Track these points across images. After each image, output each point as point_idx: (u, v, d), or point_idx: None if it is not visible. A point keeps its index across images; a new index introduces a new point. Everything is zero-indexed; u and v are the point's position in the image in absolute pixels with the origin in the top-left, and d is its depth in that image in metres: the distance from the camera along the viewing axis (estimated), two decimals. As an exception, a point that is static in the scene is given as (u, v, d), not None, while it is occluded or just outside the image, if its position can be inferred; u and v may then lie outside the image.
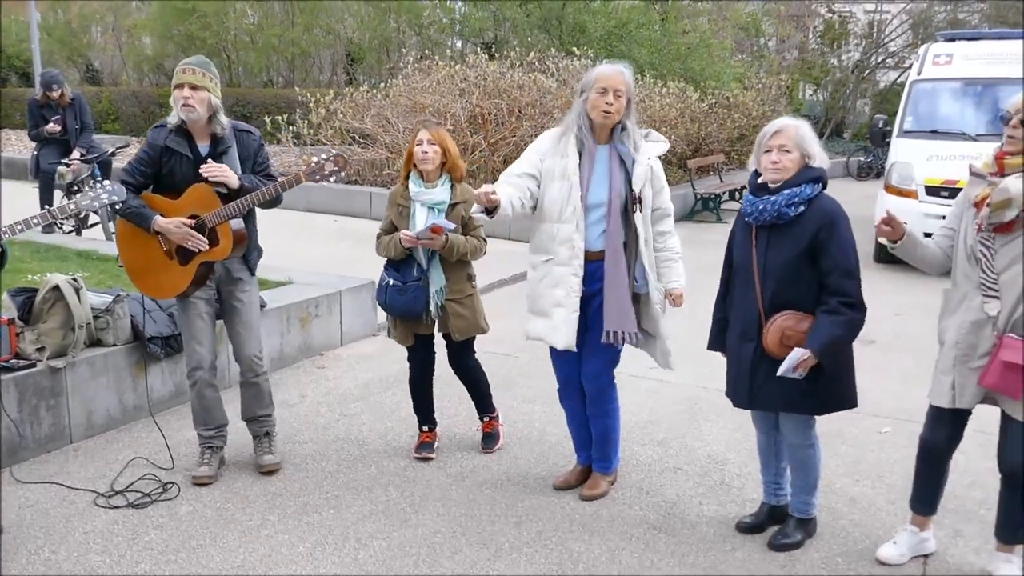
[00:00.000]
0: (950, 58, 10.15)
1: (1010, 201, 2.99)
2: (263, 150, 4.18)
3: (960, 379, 3.21)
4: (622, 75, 3.69)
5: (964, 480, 4.18)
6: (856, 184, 17.44)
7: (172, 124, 3.92)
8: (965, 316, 3.18)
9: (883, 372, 5.69)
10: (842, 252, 3.27)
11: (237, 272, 4.14)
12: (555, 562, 3.49)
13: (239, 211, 3.89)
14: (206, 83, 3.88)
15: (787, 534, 3.61)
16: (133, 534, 3.66)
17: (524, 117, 11.97)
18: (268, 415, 4.36)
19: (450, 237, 4.02)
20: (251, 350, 4.22)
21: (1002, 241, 3.08)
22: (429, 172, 4.12)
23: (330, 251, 9.37)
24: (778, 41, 26.31)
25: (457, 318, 4.20)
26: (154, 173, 3.97)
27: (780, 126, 3.35)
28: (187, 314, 4.10)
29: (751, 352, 3.40)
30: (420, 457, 4.42)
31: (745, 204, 3.41)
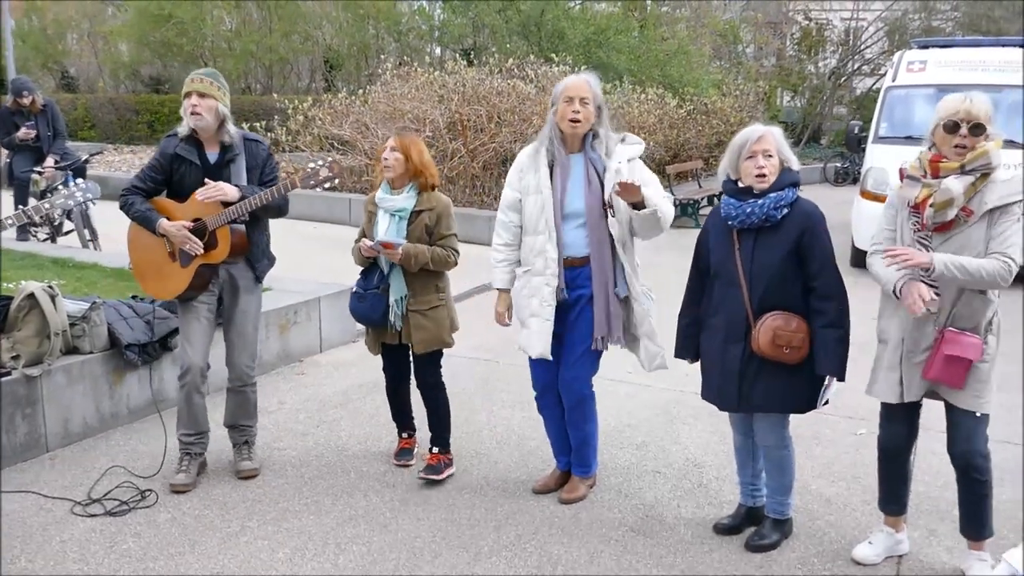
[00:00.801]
0: (924, 65, 10.28)
1: (952, 201, 3.13)
2: (272, 160, 4.22)
3: (907, 374, 3.30)
4: (587, 83, 3.74)
5: (938, 481, 4.24)
6: (833, 190, 17.58)
7: (183, 133, 4.02)
8: (908, 313, 3.26)
9: (859, 375, 5.72)
10: (826, 252, 3.38)
11: (242, 279, 4.17)
12: (534, 565, 3.50)
13: (238, 214, 3.93)
14: (213, 91, 3.97)
15: (763, 535, 3.65)
16: (111, 542, 3.64)
17: (503, 123, 12.00)
18: (251, 425, 4.36)
19: (404, 248, 3.95)
20: (244, 359, 4.23)
21: (939, 239, 3.19)
22: (394, 179, 4.12)
23: (310, 258, 9.34)
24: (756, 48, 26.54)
25: (418, 330, 4.10)
26: (165, 180, 4.08)
27: (762, 132, 3.40)
28: (186, 317, 4.13)
29: (739, 354, 3.43)
30: (400, 464, 4.41)
31: (727, 208, 3.43)
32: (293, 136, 12.97)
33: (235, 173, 4.04)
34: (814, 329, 3.36)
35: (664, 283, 3.84)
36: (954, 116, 3.15)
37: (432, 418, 4.31)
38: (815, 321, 3.36)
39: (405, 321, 4.12)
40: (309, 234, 11.11)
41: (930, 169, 3.22)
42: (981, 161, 3.13)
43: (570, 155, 3.80)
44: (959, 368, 3.17)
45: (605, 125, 3.80)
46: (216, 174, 4.01)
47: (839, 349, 3.36)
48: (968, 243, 3.15)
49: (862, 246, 9.68)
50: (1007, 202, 3.12)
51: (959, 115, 3.14)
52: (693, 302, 3.65)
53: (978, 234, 3.15)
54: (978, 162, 3.14)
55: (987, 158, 3.14)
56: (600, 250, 3.75)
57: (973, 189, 3.14)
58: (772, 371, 3.39)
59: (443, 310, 4.17)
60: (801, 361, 3.36)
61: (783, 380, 3.39)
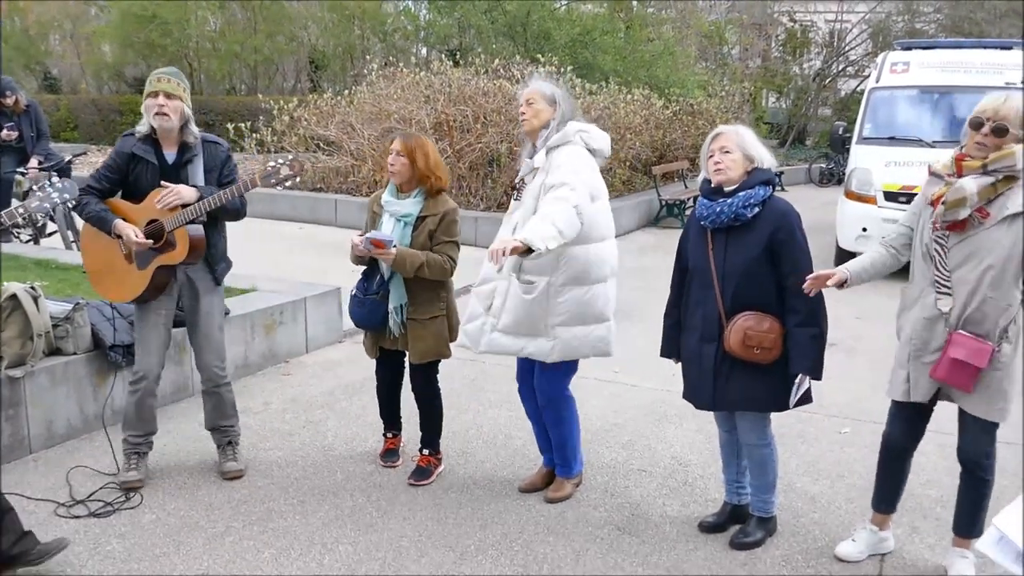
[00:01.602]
0: (907, 66, 10.36)
1: (964, 200, 3.07)
2: (231, 162, 4.18)
3: (914, 373, 3.29)
4: (532, 86, 3.86)
5: (921, 479, 4.27)
6: (818, 191, 17.69)
7: (141, 132, 3.96)
8: (920, 312, 3.27)
9: (843, 374, 5.79)
10: (801, 251, 3.37)
11: (201, 281, 4.13)
12: (520, 564, 3.51)
13: (196, 215, 3.88)
14: (180, 92, 3.94)
15: (748, 533, 3.66)
16: (95, 543, 3.62)
17: (489, 124, 12.00)
18: (231, 425, 4.34)
19: (398, 250, 3.86)
20: (213, 360, 4.20)
21: (955, 239, 3.16)
22: (400, 183, 4.04)
23: (296, 258, 9.33)
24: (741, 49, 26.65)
25: (416, 340, 4.05)
26: (121, 180, 4.01)
27: (719, 130, 3.48)
28: (143, 321, 4.08)
29: (713, 353, 3.44)
30: (387, 465, 4.40)
31: (700, 208, 3.47)
32: (279, 137, 12.94)
33: (192, 174, 3.98)
34: (788, 328, 3.35)
35: (653, 284, 3.84)
36: (981, 113, 3.10)
37: (425, 423, 4.30)
38: (789, 320, 3.36)
39: (403, 329, 4.07)
40: (295, 235, 11.09)
41: (955, 167, 3.17)
42: (1005, 163, 3.05)
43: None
44: (966, 373, 3.13)
45: (556, 121, 3.80)
46: (173, 175, 3.96)
47: (812, 347, 3.35)
48: (983, 246, 3.10)
49: (846, 246, 9.74)
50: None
51: (986, 113, 3.09)
52: (677, 302, 3.67)
53: (996, 238, 3.08)
54: (1002, 163, 3.05)
55: (1012, 160, 3.04)
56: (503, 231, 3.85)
57: (993, 191, 3.07)
58: (746, 370, 3.39)
59: (442, 321, 4.09)
60: (774, 362, 3.35)
61: (757, 379, 3.39)
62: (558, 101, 3.82)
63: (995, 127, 3.06)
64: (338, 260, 4.38)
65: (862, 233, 9.45)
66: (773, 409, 3.50)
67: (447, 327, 4.12)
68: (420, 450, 4.33)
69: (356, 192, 12.33)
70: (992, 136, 3.07)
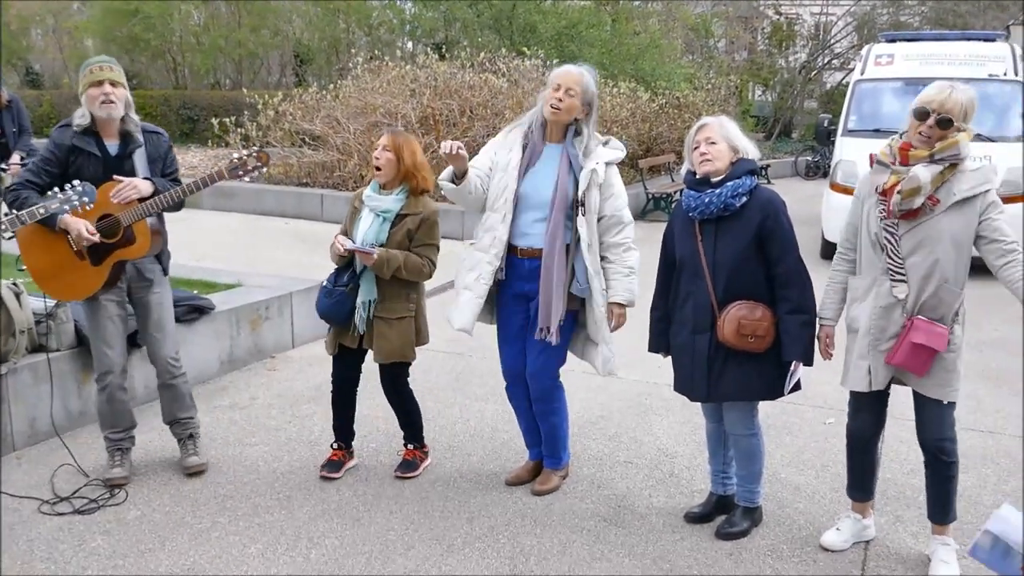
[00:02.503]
0: (891, 58, 10.40)
1: (919, 189, 3.13)
2: (172, 152, 4.12)
3: (874, 363, 3.34)
4: (579, 75, 3.70)
5: (904, 468, 4.31)
6: (804, 183, 17.75)
7: (80, 123, 3.85)
8: (876, 302, 3.31)
9: (828, 365, 5.77)
10: (787, 238, 3.40)
11: (149, 273, 4.06)
12: (507, 556, 3.51)
13: (157, 208, 3.84)
14: (123, 80, 3.87)
15: (734, 523, 3.68)
16: (79, 540, 3.60)
17: (475, 117, 11.99)
18: (190, 417, 4.30)
19: (376, 255, 3.81)
20: (166, 352, 4.15)
21: (905, 227, 3.21)
22: (384, 179, 3.97)
23: (281, 253, 9.29)
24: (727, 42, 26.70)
25: (381, 339, 3.96)
26: (60, 173, 3.86)
27: (703, 122, 3.50)
28: (97, 317, 3.99)
29: (706, 345, 3.45)
30: (325, 475, 4.18)
31: (687, 200, 3.47)
32: (264, 132, 12.88)
33: (138, 165, 3.91)
34: (779, 316, 3.38)
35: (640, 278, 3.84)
36: (927, 104, 3.14)
37: (403, 422, 4.29)
38: (779, 308, 3.39)
39: (369, 326, 3.99)
40: (280, 229, 11.05)
41: (899, 156, 3.22)
42: (950, 152, 3.13)
43: (548, 144, 3.78)
44: (924, 356, 3.20)
45: (591, 124, 3.76)
46: (117, 166, 3.87)
47: (804, 334, 3.39)
48: (934, 233, 3.16)
49: (832, 239, 9.77)
50: (976, 192, 3.13)
51: (932, 104, 3.13)
52: (663, 295, 3.67)
53: (945, 224, 3.16)
54: (947, 152, 3.13)
55: (956, 148, 3.13)
56: (553, 244, 3.70)
57: (941, 178, 3.15)
58: (740, 360, 3.41)
59: (409, 322, 4.01)
60: (767, 350, 3.38)
61: (751, 369, 3.42)
62: (593, 104, 3.75)
63: (940, 119, 3.12)
64: (324, 255, 4.36)
65: (847, 225, 9.49)
66: (767, 397, 3.52)
67: (414, 329, 4.04)
68: (404, 444, 4.33)
69: (342, 187, 12.29)
70: (936, 128, 3.13)
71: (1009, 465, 4.43)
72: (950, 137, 3.13)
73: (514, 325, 3.91)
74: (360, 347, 4.07)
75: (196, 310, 5.44)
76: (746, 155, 3.43)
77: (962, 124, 3.14)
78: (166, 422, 4.30)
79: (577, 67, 3.77)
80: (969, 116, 3.16)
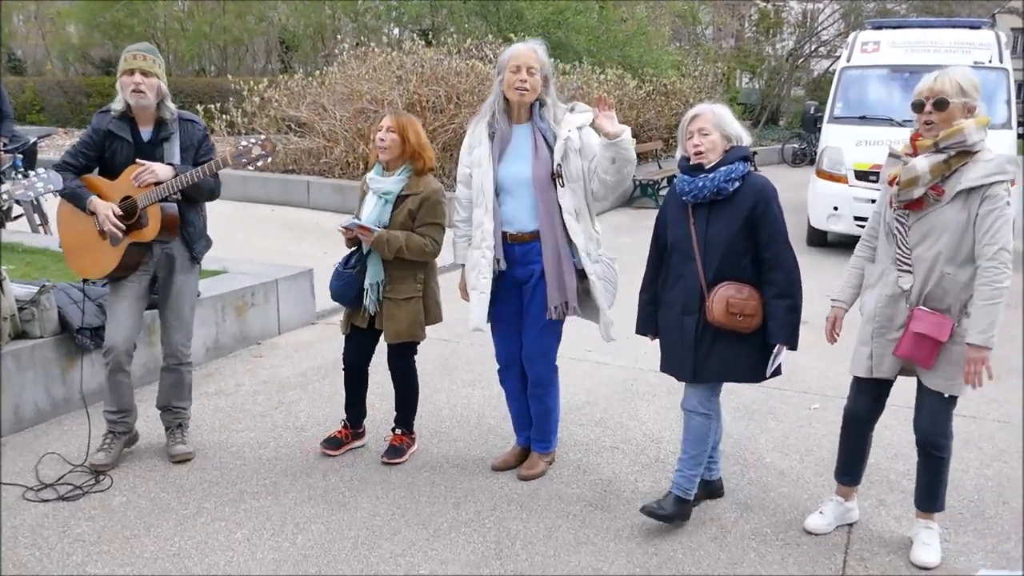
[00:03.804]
0: (877, 45, 10.42)
1: (917, 179, 3.13)
2: (208, 141, 4.14)
3: (878, 350, 3.34)
4: (535, 52, 3.71)
5: (888, 453, 4.34)
6: (791, 171, 17.79)
7: (117, 110, 3.93)
8: (882, 290, 3.32)
9: (813, 351, 5.82)
10: (777, 224, 3.40)
11: (178, 258, 4.11)
12: (493, 540, 3.52)
13: (168, 192, 3.86)
14: (156, 69, 3.91)
15: (662, 505, 3.57)
16: (64, 527, 3.59)
17: (462, 104, 11.94)
18: (184, 407, 4.30)
19: (376, 232, 3.89)
20: (179, 339, 4.18)
21: (914, 218, 3.21)
22: (388, 160, 4.02)
23: (267, 240, 9.25)
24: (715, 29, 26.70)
25: (390, 320, 4.03)
26: (97, 157, 4.00)
27: (697, 111, 3.47)
28: (114, 297, 4.06)
29: (694, 326, 3.46)
30: (323, 451, 4.27)
31: (680, 184, 3.48)
32: (249, 118, 12.81)
33: (168, 152, 3.96)
34: (766, 299, 3.39)
35: (627, 264, 3.84)
36: (919, 95, 3.18)
37: (400, 402, 4.31)
38: (766, 291, 3.40)
39: (379, 307, 4.06)
40: (266, 216, 11.00)
41: (911, 147, 3.23)
42: (955, 139, 3.10)
43: (515, 125, 3.78)
44: (928, 347, 3.19)
45: (552, 95, 3.77)
46: (149, 153, 3.94)
47: (789, 318, 3.39)
48: (939, 223, 3.14)
49: (818, 225, 9.83)
50: (983, 183, 3.07)
51: (923, 93, 3.16)
52: (653, 279, 3.67)
53: (951, 215, 3.12)
54: (952, 140, 3.10)
55: (962, 136, 3.09)
56: (550, 221, 3.72)
57: (947, 167, 3.11)
58: (726, 341, 3.42)
59: (417, 302, 4.05)
60: (755, 330, 3.40)
61: (738, 349, 3.43)
62: (550, 78, 3.77)
63: (935, 102, 3.13)
64: (310, 241, 4.37)
65: (833, 212, 9.54)
66: (751, 380, 3.54)
67: (423, 309, 4.09)
68: (393, 429, 4.33)
69: (328, 173, 12.23)
70: (935, 111, 3.14)
71: (990, 450, 4.46)
72: (954, 124, 3.10)
73: (507, 310, 3.92)
74: (371, 328, 4.13)
75: (181, 297, 5.41)
76: (739, 143, 3.44)
77: (964, 101, 3.11)
78: (159, 407, 4.30)
79: (529, 44, 3.77)
80: (968, 92, 3.13)
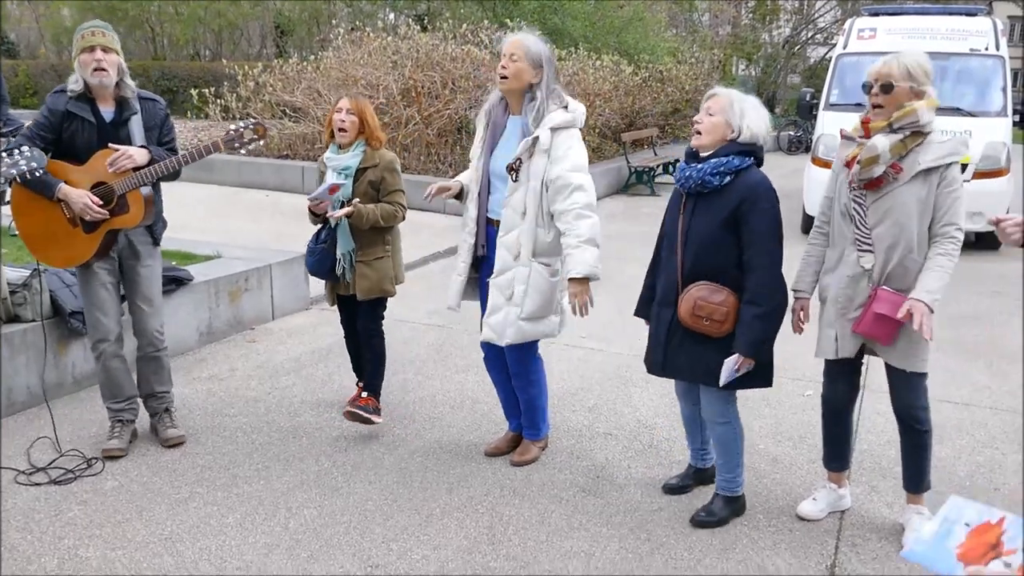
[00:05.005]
0: (874, 32, 10.39)
1: (877, 157, 3.17)
2: (169, 120, 4.08)
3: (840, 330, 3.37)
4: (520, 38, 3.66)
5: (880, 439, 4.35)
6: (787, 158, 17.80)
7: (74, 90, 3.82)
8: (843, 271, 3.34)
9: (807, 338, 5.81)
10: (761, 227, 3.23)
11: (140, 243, 4.04)
12: (485, 526, 3.53)
13: (151, 178, 3.81)
14: (116, 46, 3.84)
15: (712, 511, 3.57)
16: (56, 510, 3.58)
17: (458, 90, 11.91)
18: (167, 391, 4.28)
19: (358, 208, 4.09)
20: (154, 324, 4.14)
21: (872, 197, 3.24)
22: (347, 140, 4.21)
23: (261, 225, 9.22)
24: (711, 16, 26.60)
25: (361, 278, 4.25)
26: (55, 139, 3.85)
27: (713, 91, 3.39)
28: (90, 284, 3.98)
29: (668, 319, 3.42)
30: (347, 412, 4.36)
31: (678, 171, 3.46)
32: (244, 103, 12.75)
33: (133, 131, 3.87)
34: (740, 303, 3.28)
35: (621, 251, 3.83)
36: (869, 77, 3.24)
37: (368, 364, 4.42)
38: (742, 295, 3.27)
39: (353, 272, 4.27)
40: (260, 202, 10.96)
41: (863, 129, 3.29)
42: (908, 119, 3.16)
43: (511, 116, 3.77)
44: (888, 326, 3.23)
45: (544, 88, 3.65)
46: (112, 133, 3.83)
47: (753, 327, 3.23)
48: (898, 202, 3.19)
49: (813, 212, 9.80)
50: (941, 163, 3.15)
51: (871, 76, 3.23)
52: (656, 264, 3.61)
53: (909, 194, 3.18)
54: (905, 120, 3.16)
55: (915, 116, 3.15)
56: (508, 213, 3.72)
57: (903, 147, 3.17)
58: (695, 340, 3.33)
59: (387, 261, 4.30)
60: (725, 335, 3.28)
61: (705, 351, 3.33)
62: (544, 66, 3.65)
63: (881, 85, 3.19)
64: (305, 227, 4.35)
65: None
66: (711, 383, 3.38)
67: (392, 266, 4.33)
68: (360, 392, 4.43)
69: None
70: (881, 94, 3.19)
71: (983, 437, 4.48)
72: (906, 106, 3.16)
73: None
74: (353, 294, 4.33)
75: (174, 281, 5.39)
76: (744, 136, 3.27)
77: (911, 85, 3.16)
78: (142, 395, 4.26)
79: (519, 33, 3.74)
80: (916, 77, 3.16)
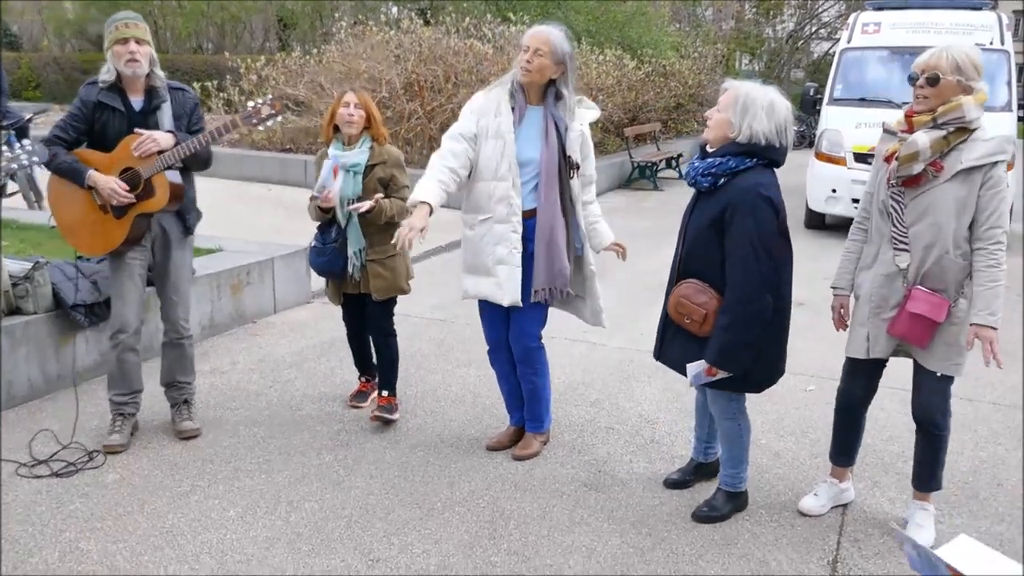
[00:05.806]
0: (878, 27, 10.34)
1: (917, 154, 3.08)
2: (199, 110, 4.11)
3: (874, 331, 3.31)
4: (546, 33, 3.66)
5: (883, 435, 4.34)
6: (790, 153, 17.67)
7: (106, 80, 3.87)
8: (878, 269, 3.28)
9: (810, 333, 5.83)
10: (743, 235, 3.14)
11: (173, 232, 4.08)
12: (487, 520, 3.52)
13: (174, 160, 3.83)
14: (148, 37, 3.90)
15: (714, 506, 3.57)
16: (57, 503, 3.58)
17: (460, 84, 11.88)
18: (189, 382, 4.31)
19: (379, 202, 4.08)
20: (181, 313, 4.18)
21: (911, 195, 3.17)
22: (351, 135, 4.16)
23: (264, 219, 9.21)
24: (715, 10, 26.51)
25: (376, 278, 4.22)
26: (87, 129, 3.93)
27: (728, 85, 3.28)
28: (119, 274, 4.02)
29: (665, 308, 3.47)
30: (353, 405, 4.54)
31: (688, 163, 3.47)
32: (247, 96, 12.72)
33: (162, 121, 3.92)
34: None
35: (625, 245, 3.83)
36: (915, 68, 3.15)
37: (383, 364, 4.41)
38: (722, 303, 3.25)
39: (363, 271, 4.23)
40: (263, 195, 10.96)
41: (906, 123, 3.20)
42: (954, 115, 3.06)
43: (530, 106, 3.75)
44: (924, 327, 3.16)
45: (569, 85, 3.73)
46: (142, 122, 3.89)
47: (719, 337, 3.20)
48: (937, 201, 3.10)
49: (816, 207, 9.81)
50: (985, 162, 3.04)
51: (919, 67, 3.14)
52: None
53: (950, 193, 3.08)
54: (951, 115, 3.07)
55: (960, 111, 3.05)
56: (549, 206, 3.71)
57: (946, 143, 3.07)
58: (686, 335, 3.34)
59: (400, 259, 4.26)
60: (707, 335, 3.26)
61: (692, 345, 3.33)
62: (567, 64, 3.70)
63: (928, 77, 3.11)
64: (307, 220, 4.35)
65: (832, 194, 9.51)
66: (688, 380, 3.40)
67: (404, 264, 4.30)
68: (379, 392, 4.43)
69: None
70: (927, 87, 3.11)
71: (985, 432, 4.47)
72: (952, 100, 3.07)
73: None
74: (360, 292, 4.31)
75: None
76: (744, 137, 3.18)
77: (958, 79, 3.07)
78: (163, 383, 4.29)
79: (544, 26, 3.73)
80: (965, 71, 3.08)
